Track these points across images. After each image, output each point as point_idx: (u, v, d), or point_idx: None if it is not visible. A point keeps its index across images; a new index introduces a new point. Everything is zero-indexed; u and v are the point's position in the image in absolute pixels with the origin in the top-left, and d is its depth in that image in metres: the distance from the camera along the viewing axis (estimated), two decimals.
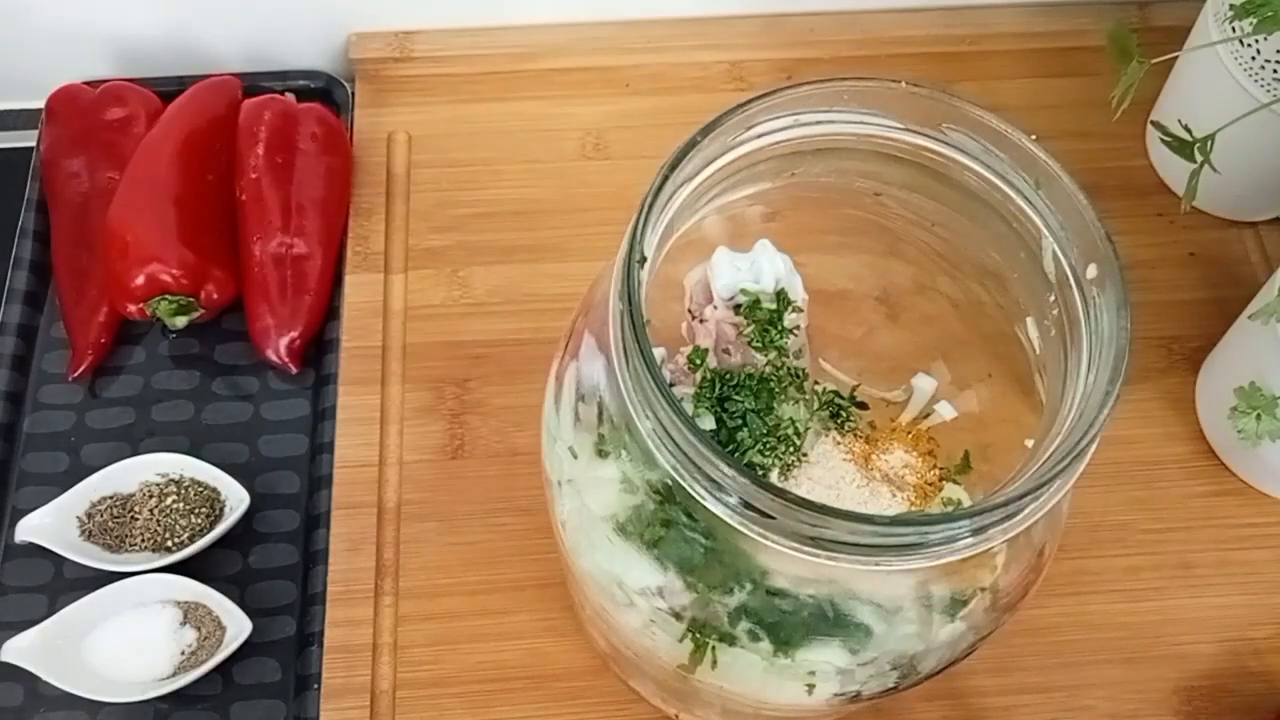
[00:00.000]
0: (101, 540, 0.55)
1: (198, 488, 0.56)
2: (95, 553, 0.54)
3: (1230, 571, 0.56)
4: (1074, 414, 0.33)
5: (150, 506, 0.55)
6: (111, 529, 0.55)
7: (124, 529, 0.55)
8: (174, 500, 0.55)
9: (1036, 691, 0.53)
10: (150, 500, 0.55)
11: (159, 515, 0.54)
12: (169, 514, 0.55)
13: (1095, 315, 0.34)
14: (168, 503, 0.55)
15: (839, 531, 0.31)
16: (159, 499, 0.55)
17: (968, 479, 0.42)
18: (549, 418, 0.41)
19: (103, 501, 0.55)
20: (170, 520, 0.54)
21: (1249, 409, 0.52)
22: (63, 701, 0.51)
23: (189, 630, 0.53)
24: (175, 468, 0.56)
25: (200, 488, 0.56)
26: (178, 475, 0.56)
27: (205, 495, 0.56)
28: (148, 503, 0.55)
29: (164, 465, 0.56)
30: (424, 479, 0.57)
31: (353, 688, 0.52)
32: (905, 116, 0.37)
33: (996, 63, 0.70)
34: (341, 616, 0.53)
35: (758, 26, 0.70)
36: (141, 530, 0.54)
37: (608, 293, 0.35)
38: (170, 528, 0.54)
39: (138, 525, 0.55)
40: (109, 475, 0.55)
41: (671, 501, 0.36)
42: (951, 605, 0.38)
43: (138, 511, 0.55)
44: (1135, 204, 0.65)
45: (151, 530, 0.54)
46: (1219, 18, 0.57)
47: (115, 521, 0.55)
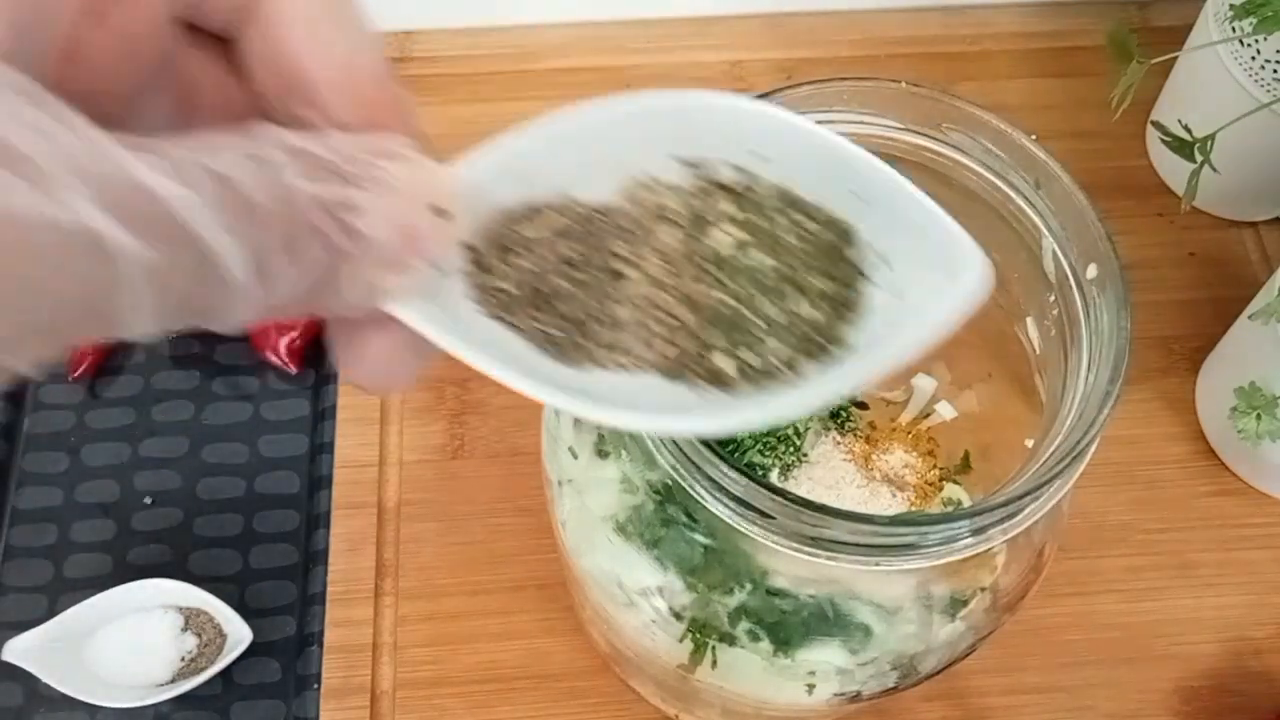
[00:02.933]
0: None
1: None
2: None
3: (1230, 571, 0.56)
4: (1074, 414, 0.33)
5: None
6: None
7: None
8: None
9: (1037, 691, 0.53)
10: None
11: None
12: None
13: (1095, 315, 0.34)
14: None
15: (839, 531, 0.31)
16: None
17: (968, 479, 0.42)
18: (549, 418, 0.41)
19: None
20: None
21: (1249, 409, 0.52)
22: (63, 702, 0.51)
23: (190, 637, 0.53)
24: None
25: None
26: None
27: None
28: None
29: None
30: (424, 479, 0.57)
31: (353, 688, 0.52)
32: (905, 116, 0.37)
33: (996, 63, 0.70)
34: (341, 616, 0.53)
35: (758, 26, 0.70)
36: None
37: None
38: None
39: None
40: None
41: (671, 501, 0.36)
42: (951, 605, 0.38)
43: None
44: (1135, 204, 0.65)
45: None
46: (1219, 18, 0.57)
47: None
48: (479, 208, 0.23)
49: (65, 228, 0.15)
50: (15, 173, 0.15)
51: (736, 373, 0.24)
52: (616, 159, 0.25)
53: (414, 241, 0.20)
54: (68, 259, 0.15)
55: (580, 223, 0.24)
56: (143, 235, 0.16)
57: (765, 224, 0.25)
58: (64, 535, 0.56)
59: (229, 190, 0.17)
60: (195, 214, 0.17)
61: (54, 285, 0.15)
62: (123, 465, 0.58)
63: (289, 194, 0.18)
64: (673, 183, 0.25)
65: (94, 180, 0.15)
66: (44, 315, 0.15)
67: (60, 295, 0.15)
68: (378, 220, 0.19)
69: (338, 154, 0.19)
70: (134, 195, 0.16)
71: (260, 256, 0.18)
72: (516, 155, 0.24)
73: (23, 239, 0.15)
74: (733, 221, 0.25)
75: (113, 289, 0.16)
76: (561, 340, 0.24)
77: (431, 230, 0.21)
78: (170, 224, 0.16)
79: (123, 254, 0.16)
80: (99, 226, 0.15)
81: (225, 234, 0.17)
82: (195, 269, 0.17)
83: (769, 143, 0.25)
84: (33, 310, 0.15)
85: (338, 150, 0.19)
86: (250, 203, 0.17)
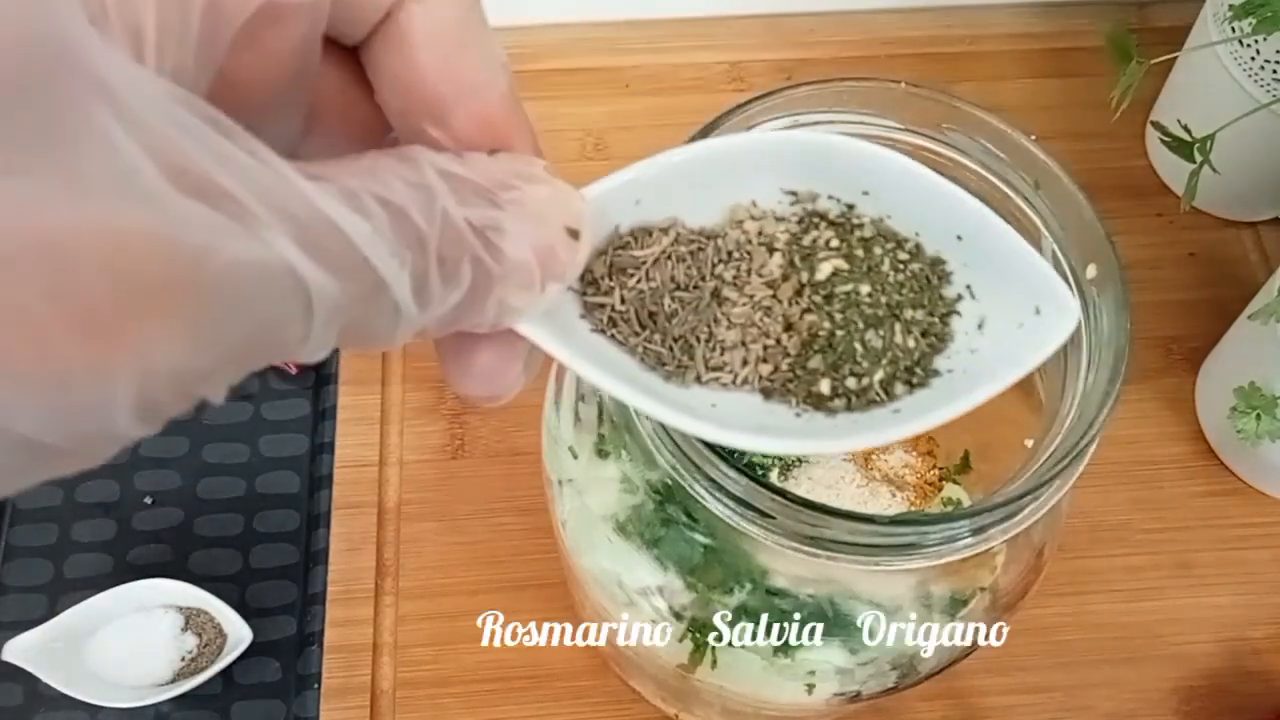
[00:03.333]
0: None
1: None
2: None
3: (1230, 571, 0.56)
4: (1074, 414, 0.33)
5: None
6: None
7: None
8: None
9: (1036, 691, 0.53)
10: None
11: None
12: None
13: (1095, 315, 0.34)
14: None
15: (839, 531, 0.31)
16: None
17: (967, 479, 0.42)
18: (549, 418, 0.41)
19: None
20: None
21: (1249, 409, 0.52)
22: (63, 702, 0.51)
23: (190, 636, 0.53)
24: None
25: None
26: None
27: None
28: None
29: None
30: (424, 479, 0.57)
31: (353, 687, 0.52)
32: (905, 117, 0.37)
33: (996, 63, 0.70)
34: (342, 616, 0.53)
35: (758, 26, 0.70)
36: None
37: None
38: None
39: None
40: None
41: (671, 501, 0.36)
42: (951, 605, 0.38)
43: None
44: (1135, 204, 0.65)
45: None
46: (1218, 18, 0.57)
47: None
48: (597, 230, 0.24)
49: (269, 265, 0.16)
50: (222, 211, 0.15)
51: (834, 395, 0.25)
52: (726, 188, 0.26)
53: (551, 264, 0.21)
54: (265, 294, 0.16)
55: (688, 246, 0.25)
56: (327, 267, 0.16)
57: (863, 254, 0.26)
58: (64, 535, 0.56)
59: (400, 219, 0.18)
60: (372, 245, 0.17)
61: (250, 318, 0.16)
62: (123, 465, 0.58)
63: (446, 219, 0.19)
64: (778, 212, 0.26)
65: (289, 216, 0.16)
66: (238, 346, 0.16)
67: (252, 329, 0.16)
68: (520, 242, 0.20)
69: (483, 176, 0.20)
70: (322, 229, 0.17)
71: (420, 282, 0.18)
72: (634, 182, 0.25)
73: (231, 277, 0.15)
74: (833, 251, 0.26)
75: (299, 321, 0.16)
76: (666, 358, 0.25)
77: (566, 253, 0.21)
78: (352, 255, 0.17)
79: (312, 288, 0.16)
80: (295, 262, 0.16)
81: (395, 262, 0.18)
82: (367, 297, 0.17)
83: (868, 178, 0.26)
84: (230, 342, 0.16)
85: (483, 173, 0.20)
86: (418, 230, 0.18)
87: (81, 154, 0.14)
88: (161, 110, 0.15)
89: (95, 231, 0.14)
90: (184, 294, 0.15)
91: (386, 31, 0.21)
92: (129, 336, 0.14)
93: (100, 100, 0.14)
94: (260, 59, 0.19)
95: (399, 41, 0.21)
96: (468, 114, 0.21)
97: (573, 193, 0.22)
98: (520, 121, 0.22)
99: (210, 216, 0.15)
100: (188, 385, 0.16)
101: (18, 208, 0.13)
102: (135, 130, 0.15)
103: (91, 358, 0.14)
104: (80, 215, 0.14)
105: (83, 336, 0.14)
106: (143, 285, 0.14)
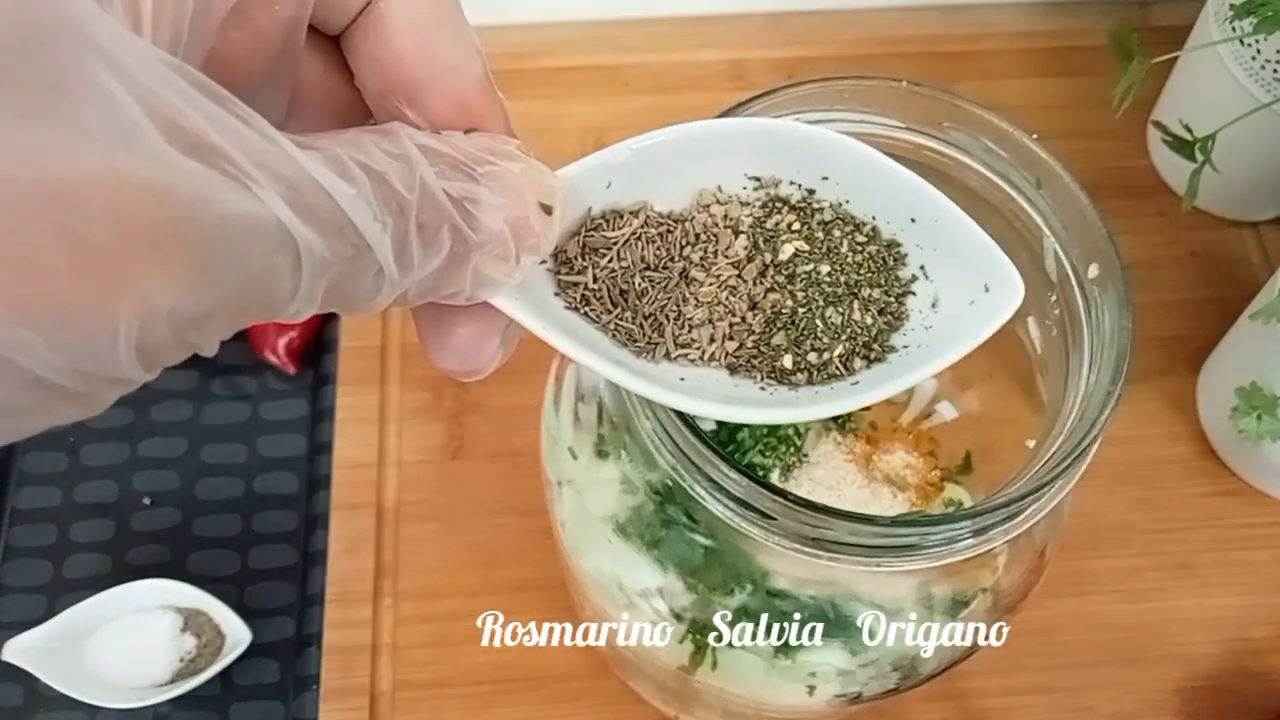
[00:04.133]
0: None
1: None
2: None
3: (1231, 572, 0.56)
4: (1075, 414, 0.33)
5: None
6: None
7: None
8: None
9: (1037, 692, 0.53)
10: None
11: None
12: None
13: (1097, 315, 0.34)
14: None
15: (840, 532, 0.31)
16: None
17: (969, 479, 0.42)
18: (549, 418, 0.41)
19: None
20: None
21: (1250, 409, 0.52)
22: (62, 702, 0.51)
23: (189, 637, 0.53)
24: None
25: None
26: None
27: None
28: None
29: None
30: (423, 479, 0.57)
31: (352, 689, 0.52)
32: (906, 116, 0.37)
33: (997, 62, 0.70)
34: (340, 617, 0.53)
35: (758, 26, 0.70)
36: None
37: None
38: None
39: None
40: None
41: (672, 502, 0.36)
42: (953, 606, 0.37)
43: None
44: (1136, 204, 0.65)
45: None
46: (1219, 17, 0.57)
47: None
48: (571, 211, 0.26)
49: (261, 219, 0.17)
50: (216, 168, 0.16)
51: (797, 370, 0.27)
52: (693, 173, 0.27)
53: (525, 236, 0.22)
54: (258, 246, 0.17)
55: (657, 229, 0.27)
56: (315, 226, 0.17)
57: (823, 236, 0.27)
58: (63, 535, 0.56)
59: (383, 185, 0.19)
60: (356, 208, 0.18)
61: (241, 271, 0.17)
62: (122, 465, 0.58)
63: (425, 187, 0.20)
64: (742, 197, 0.28)
65: (279, 177, 0.17)
66: (231, 296, 0.17)
67: (244, 280, 0.17)
68: (496, 214, 0.21)
69: (460, 152, 0.21)
70: (310, 191, 0.18)
71: (401, 246, 0.19)
72: (605, 165, 0.26)
73: (227, 227, 0.16)
74: (794, 234, 0.27)
75: (287, 276, 0.17)
76: (637, 334, 0.26)
77: (540, 226, 0.22)
78: (337, 216, 0.18)
79: (301, 244, 0.17)
80: (285, 219, 0.17)
81: (378, 226, 0.19)
82: (352, 258, 0.18)
83: (826, 163, 0.27)
84: (225, 291, 0.17)
85: (459, 149, 0.21)
86: (399, 197, 0.19)
87: (84, 108, 0.15)
88: (158, 75, 0.16)
89: (100, 177, 0.15)
90: (182, 240, 0.16)
91: (366, 18, 0.22)
92: (130, 278, 0.15)
93: (100, 62, 0.15)
94: (249, 37, 0.20)
95: (378, 26, 0.22)
96: (443, 94, 0.22)
97: (546, 170, 0.23)
98: (494, 104, 0.23)
99: (206, 172, 0.16)
100: (184, 331, 0.17)
101: (26, 153, 0.14)
102: (134, 90, 0.15)
103: (95, 297, 0.15)
104: (85, 162, 0.15)
105: (87, 276, 0.15)
106: (144, 230, 0.15)
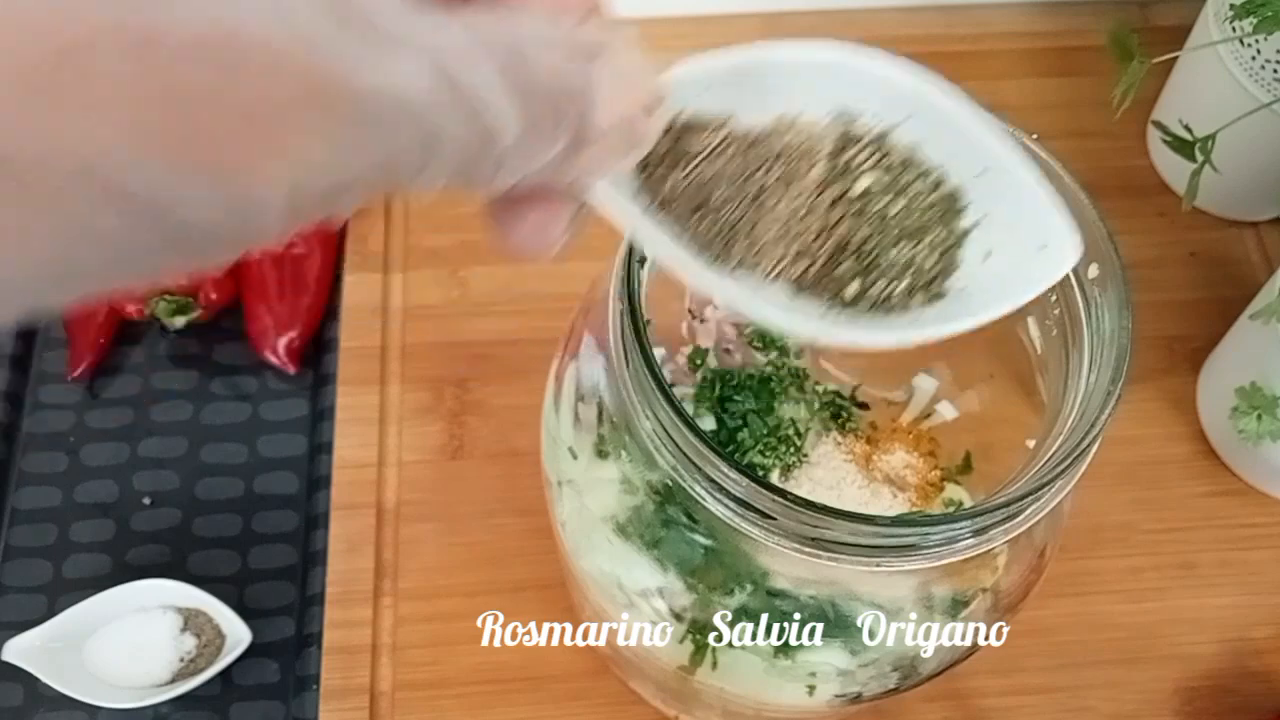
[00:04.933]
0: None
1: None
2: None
3: (1231, 572, 0.56)
4: (1075, 414, 0.33)
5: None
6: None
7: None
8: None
9: (1037, 692, 0.53)
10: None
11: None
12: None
13: (1097, 315, 0.34)
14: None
15: (840, 532, 0.31)
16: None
17: (969, 479, 0.42)
18: (549, 418, 0.41)
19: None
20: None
21: (1250, 409, 0.52)
22: (62, 702, 0.51)
23: (189, 637, 0.52)
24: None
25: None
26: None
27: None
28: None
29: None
30: (423, 479, 0.57)
31: (352, 689, 0.52)
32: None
33: (997, 62, 0.70)
34: (340, 617, 0.53)
35: (757, 26, 0.70)
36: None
37: (608, 292, 0.35)
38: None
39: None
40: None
41: (671, 502, 0.36)
42: (953, 606, 0.37)
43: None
44: (1136, 204, 0.65)
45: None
46: (1219, 17, 0.57)
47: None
48: (666, 110, 0.26)
49: (405, 91, 0.17)
50: (366, 39, 0.17)
51: (859, 297, 0.28)
52: (782, 94, 0.28)
53: (631, 135, 0.22)
54: (395, 120, 0.17)
55: (740, 145, 0.27)
56: (456, 107, 0.18)
57: (895, 177, 0.28)
58: (63, 535, 0.56)
59: (521, 64, 0.19)
60: (492, 83, 0.18)
61: (380, 142, 0.17)
62: (121, 465, 0.58)
63: (559, 75, 0.20)
64: (822, 126, 0.28)
65: (427, 49, 0.17)
66: (366, 170, 0.18)
67: (382, 150, 0.17)
68: (608, 109, 0.21)
69: (579, 42, 0.21)
70: (457, 63, 0.18)
71: (532, 130, 0.20)
72: (708, 73, 0.26)
73: (372, 97, 0.17)
74: (868, 169, 0.28)
75: (418, 148, 0.18)
76: (710, 243, 0.27)
77: (643, 123, 0.23)
78: (479, 93, 0.18)
79: (438, 117, 0.18)
80: (429, 90, 0.17)
81: (509, 103, 0.19)
82: (481, 134, 0.19)
83: (911, 105, 0.28)
84: (364, 162, 0.17)
85: (574, 38, 0.21)
86: (533, 77, 0.19)
87: None
88: None
89: (258, 39, 0.15)
90: (330, 106, 0.16)
91: None
92: (287, 137, 0.16)
93: None
94: None
95: None
96: None
97: (654, 71, 0.24)
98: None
99: (356, 40, 0.17)
100: (329, 195, 0.17)
101: (186, 11, 0.15)
102: None
103: (252, 152, 0.16)
104: (243, 23, 0.15)
105: (247, 132, 0.16)
106: (295, 94, 0.16)
